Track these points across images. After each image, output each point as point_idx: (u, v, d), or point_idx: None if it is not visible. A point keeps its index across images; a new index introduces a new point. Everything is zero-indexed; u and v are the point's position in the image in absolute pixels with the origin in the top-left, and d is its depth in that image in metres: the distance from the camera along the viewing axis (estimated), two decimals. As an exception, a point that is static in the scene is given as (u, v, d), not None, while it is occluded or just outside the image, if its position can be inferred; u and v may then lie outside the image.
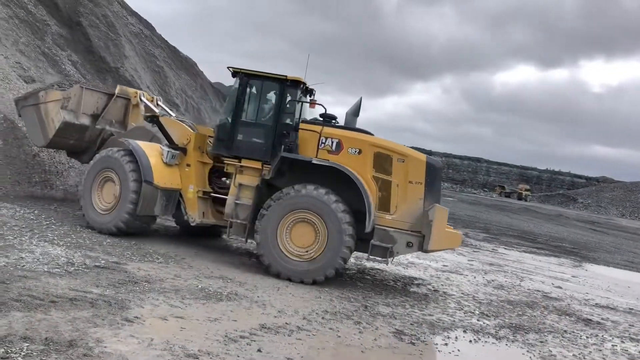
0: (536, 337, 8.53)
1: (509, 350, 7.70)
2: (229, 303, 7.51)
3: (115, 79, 21.30)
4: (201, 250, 10.82)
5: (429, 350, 7.04)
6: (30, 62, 17.49)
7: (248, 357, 5.64)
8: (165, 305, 6.88)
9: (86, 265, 7.95)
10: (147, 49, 25.46)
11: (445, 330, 8.09)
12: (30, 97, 12.40)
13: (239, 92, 10.46)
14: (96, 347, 5.17)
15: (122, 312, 6.27)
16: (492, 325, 8.79)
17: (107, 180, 10.80)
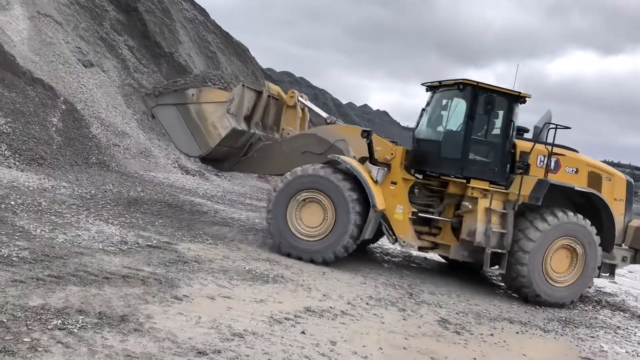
0: (587, 331, 8.30)
1: (557, 343, 7.53)
2: (275, 285, 7.62)
3: (170, 64, 21.76)
4: (250, 233, 11.00)
5: (474, 340, 6.96)
6: (89, 46, 18.06)
7: (292, 339, 5.73)
8: (213, 285, 7.05)
9: (139, 244, 8.22)
10: (201, 34, 25.84)
11: (492, 320, 7.98)
12: (170, 94, 10.49)
13: (470, 106, 9.46)
14: (146, 322, 5.36)
15: (171, 290, 6.46)
16: (541, 318, 8.61)
17: (310, 202, 9.53)
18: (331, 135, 10.23)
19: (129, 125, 16.96)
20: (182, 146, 10.70)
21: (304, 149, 10.11)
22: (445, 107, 10.09)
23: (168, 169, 16.88)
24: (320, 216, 9.30)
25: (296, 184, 9.30)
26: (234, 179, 19.55)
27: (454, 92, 9.80)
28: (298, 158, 10.16)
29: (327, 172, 9.22)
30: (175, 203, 12.47)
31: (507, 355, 6.72)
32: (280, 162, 10.43)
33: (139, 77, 19.47)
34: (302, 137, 10.50)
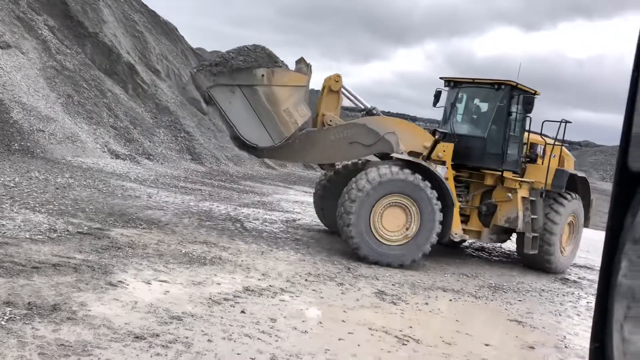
0: (515, 296, 8.75)
1: (487, 308, 7.90)
2: (212, 267, 7.58)
3: (95, 45, 20.89)
4: (185, 216, 10.85)
5: (410, 309, 7.19)
6: (5, 27, 17.05)
7: (232, 319, 5.74)
8: (148, 269, 6.93)
9: (69, 232, 7.94)
10: (127, 14, 24.92)
11: (426, 290, 8.26)
12: (233, 74, 9.17)
13: (505, 105, 10.32)
14: (80, 310, 5.22)
15: (105, 277, 6.31)
16: (472, 285, 8.99)
17: (392, 206, 9.32)
18: (381, 127, 9.84)
19: (53, 109, 16.22)
20: (248, 135, 9.33)
21: (352, 140, 9.58)
22: (481, 104, 10.93)
23: (97, 153, 16.31)
24: (402, 220, 9.18)
25: (384, 188, 8.97)
26: (167, 162, 19.14)
27: (489, 91, 10.54)
28: (345, 148, 9.70)
29: (416, 178, 9.10)
30: (106, 188, 12.11)
31: (441, 321, 6.99)
32: (325, 150, 9.83)
33: (61, 58, 18.60)
34: (351, 127, 9.77)
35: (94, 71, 19.92)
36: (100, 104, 18.84)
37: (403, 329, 6.36)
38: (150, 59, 24.17)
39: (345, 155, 9.83)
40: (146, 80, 22.39)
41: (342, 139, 9.51)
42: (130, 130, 19.06)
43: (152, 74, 23.48)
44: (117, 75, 21.18)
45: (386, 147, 9.58)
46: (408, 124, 10.30)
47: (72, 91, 17.96)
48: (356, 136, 9.52)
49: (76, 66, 18.99)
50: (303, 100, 9.46)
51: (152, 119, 21.16)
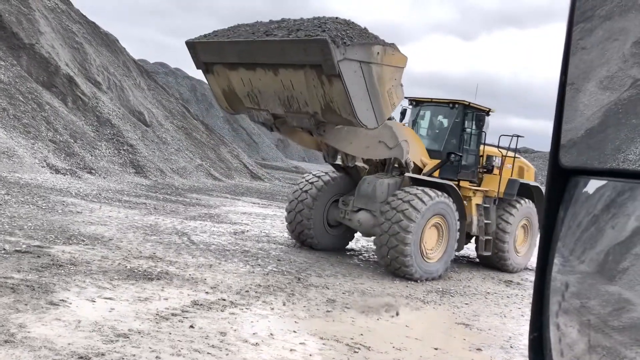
0: (462, 299, 8.95)
1: (435, 312, 8.05)
2: (159, 282, 7.41)
3: (31, 56, 20.18)
4: (129, 231, 10.58)
5: (360, 316, 7.23)
6: None
7: (180, 334, 5.62)
8: (92, 287, 6.71)
9: (5, 251, 7.60)
10: (65, 25, 24.19)
11: (375, 297, 8.34)
12: (360, 47, 8.31)
13: (460, 122, 11.32)
14: (19, 332, 5.00)
15: (46, 296, 6.07)
16: (421, 291, 9.14)
17: (430, 227, 10.08)
18: (400, 132, 10.30)
19: (-14, 123, 15.54)
20: (359, 114, 8.45)
21: (381, 139, 9.99)
22: (439, 121, 11.89)
23: (35, 168, 15.71)
24: (435, 237, 10.03)
25: (433, 209, 9.65)
26: (110, 176, 18.63)
27: (445, 109, 11.53)
28: (375, 145, 10.16)
29: (450, 200, 10.06)
30: (46, 204, 11.67)
31: (392, 327, 7.07)
32: (363, 143, 10.22)
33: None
34: (382, 126, 9.36)
35: (31, 84, 19.23)
36: (38, 118, 18.19)
37: (354, 337, 6.39)
38: (90, 70, 23.54)
39: (373, 153, 10.32)
40: (86, 92, 21.77)
41: (375, 136, 9.83)
42: (70, 144, 18.47)
43: (93, 86, 22.86)
44: (55, 87, 20.52)
45: (399, 154, 9.98)
46: (415, 136, 10.89)
47: (7, 105, 17.27)
48: (384, 136, 9.87)
49: (11, 79, 18.28)
50: (400, 83, 9.00)
51: (93, 132, 20.58)
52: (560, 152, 1.01)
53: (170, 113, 28.76)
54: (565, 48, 1.03)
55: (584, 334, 0.91)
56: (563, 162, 1.01)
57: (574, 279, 0.97)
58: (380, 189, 10.24)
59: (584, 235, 0.95)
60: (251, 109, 9.67)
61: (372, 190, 10.31)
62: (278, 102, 9.05)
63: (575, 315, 0.94)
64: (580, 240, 0.96)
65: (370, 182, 10.47)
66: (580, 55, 1.04)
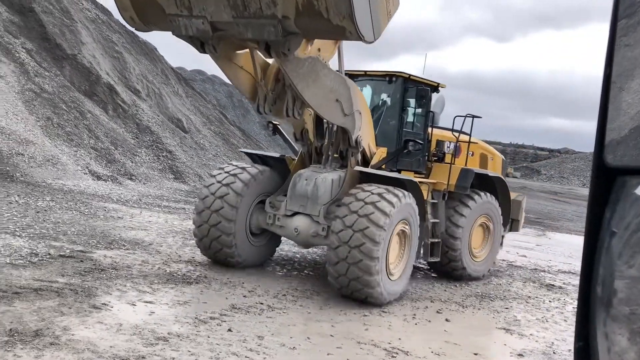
0: (501, 304, 8.77)
1: (475, 316, 7.91)
2: (198, 286, 7.50)
3: (73, 67, 20.77)
4: (169, 235, 10.75)
5: (398, 321, 7.17)
6: (-18, 51, 16.90)
7: (218, 337, 5.67)
8: (133, 291, 6.84)
9: (50, 255, 7.82)
10: (105, 35, 24.83)
11: (414, 301, 8.26)
12: None
13: (399, 100, 9.50)
14: (63, 335, 5.13)
15: (89, 300, 6.21)
16: (459, 295, 9.00)
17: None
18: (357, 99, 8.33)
19: (32, 132, 16.05)
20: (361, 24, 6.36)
21: (339, 98, 7.65)
22: (374, 99, 9.89)
23: (78, 175, 16.14)
24: (397, 249, 8.04)
25: (400, 213, 7.71)
26: (149, 181, 19.00)
27: (381, 84, 9.66)
28: (331, 104, 7.59)
29: (413, 200, 8.06)
30: (88, 210, 11.97)
31: (430, 331, 6.98)
32: (319, 94, 7.43)
33: (40, 81, 18.45)
34: (342, 83, 7.79)
35: (74, 93, 19.78)
36: (81, 126, 18.69)
37: (392, 342, 6.33)
38: (130, 79, 24.08)
39: (326, 112, 7.61)
40: (126, 100, 22.27)
41: (334, 91, 7.54)
42: (111, 151, 18.91)
43: (133, 94, 23.37)
44: (97, 96, 21.05)
45: (351, 126, 7.93)
46: (368, 110, 8.68)
47: (52, 114, 17.80)
48: (343, 95, 7.66)
49: (55, 88, 18.85)
50: None
51: (133, 139, 21.03)
52: (605, 151, 0.98)
53: (207, 119, 29.20)
54: (609, 45, 0.99)
55: (635, 343, 0.87)
56: (609, 161, 0.97)
57: (623, 285, 0.92)
58: (323, 187, 8.15)
59: (632, 237, 0.91)
60: (176, 18, 6.51)
61: (313, 189, 8.17)
62: (225, 3, 6.19)
63: (624, 323, 0.90)
64: (628, 243, 0.92)
65: (309, 178, 8.29)
66: (623, 52, 1.00)
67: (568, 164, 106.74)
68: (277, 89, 7.64)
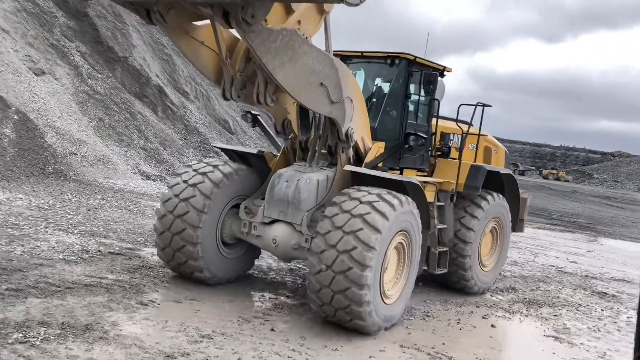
0: (550, 311, 8.52)
1: (522, 324, 7.71)
2: (242, 285, 7.58)
3: (124, 69, 21.35)
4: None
5: (442, 325, 7.06)
6: (40, 54, 17.58)
7: (262, 337, 5.71)
8: (179, 288, 6.97)
9: (101, 252, 8.05)
10: (155, 38, 25.44)
11: (459, 305, 8.11)
12: None
13: (402, 85, 8.09)
14: (112, 330, 5.27)
15: (136, 296, 6.36)
16: (506, 301, 8.79)
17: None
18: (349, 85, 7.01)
19: (85, 132, 16.59)
20: None
21: (324, 81, 6.30)
22: (372, 85, 8.51)
23: (128, 175, 16.58)
24: (394, 266, 6.77)
25: (397, 225, 6.37)
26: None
27: (381, 67, 8.29)
28: (313, 88, 6.22)
29: (413, 206, 6.75)
30: (137, 209, 12.27)
31: (475, 337, 6.84)
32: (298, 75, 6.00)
33: (92, 83, 19.05)
34: (328, 63, 6.41)
35: (124, 94, 20.34)
36: (131, 127, 19.20)
37: (435, 346, 6.24)
38: (178, 81, 24.58)
39: (308, 98, 6.19)
40: (175, 102, 22.75)
41: (316, 73, 6.14)
42: (160, 152, 19.35)
43: (181, 96, 23.85)
44: (146, 98, 21.59)
45: (340, 116, 6.60)
46: (362, 97, 7.19)
47: (104, 114, 18.35)
48: (329, 78, 6.30)
49: (107, 90, 19.42)
50: None
51: (181, 139, 21.46)
52: None
53: (253, 120, 29.49)
54: None
55: None
56: None
57: None
58: (306, 190, 6.80)
59: None
60: None
61: (294, 192, 6.83)
62: None
63: None
64: None
65: (290, 179, 6.95)
66: None
67: (622, 167, 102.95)
68: (248, 70, 6.30)
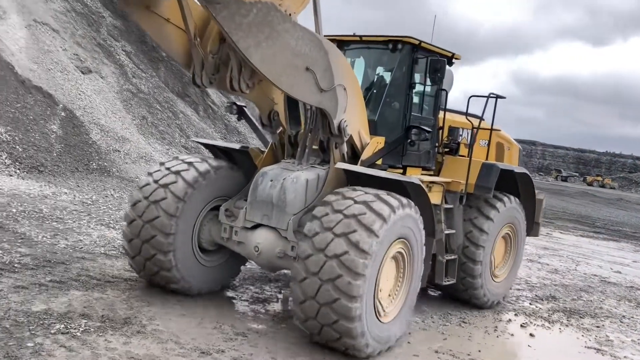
0: (592, 321, 8.27)
1: (562, 334, 7.51)
2: (278, 284, 7.62)
3: (168, 68, 21.77)
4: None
5: (478, 332, 6.94)
6: (87, 53, 18.07)
7: (296, 336, 5.72)
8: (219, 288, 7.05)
9: (141, 248, 8.21)
10: (198, 38, 25.90)
11: (497, 312, 7.96)
12: None
13: (405, 73, 7.23)
14: (149, 324, 5.37)
15: (174, 292, 6.45)
16: (545, 310, 8.58)
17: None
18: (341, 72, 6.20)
19: (128, 130, 16.98)
20: None
21: (310, 65, 5.47)
22: (372, 73, 7.71)
23: (169, 172, 16.88)
24: (392, 279, 5.95)
25: (395, 231, 5.55)
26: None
27: (382, 53, 7.49)
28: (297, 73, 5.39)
29: (415, 210, 5.93)
30: (177, 206, 12.46)
31: (513, 345, 6.70)
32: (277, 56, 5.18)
33: (137, 82, 19.49)
34: (316, 45, 5.56)
35: (167, 93, 20.74)
36: (173, 125, 19.56)
37: (471, 353, 6.14)
38: (220, 81, 24.93)
39: (290, 85, 5.34)
40: (216, 102, 23.08)
41: (301, 55, 5.35)
42: (201, 150, 19.65)
43: (222, 96, 24.18)
44: (188, 97, 21.96)
45: (331, 107, 5.79)
46: (358, 85, 6.38)
47: (147, 113, 18.75)
48: (316, 64, 5.49)
49: (150, 89, 19.83)
50: None
51: (221, 139, 21.75)
52: None
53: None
54: None
55: None
56: None
57: None
58: (293, 191, 5.99)
59: None
60: None
61: (279, 193, 6.01)
62: None
63: None
64: None
65: (275, 178, 6.12)
66: None
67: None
68: (222, 53, 5.56)
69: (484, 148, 8.33)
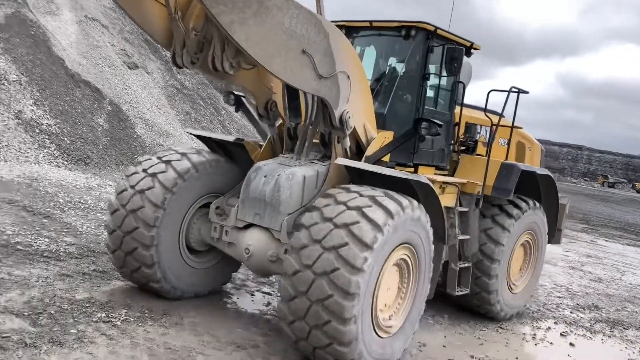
0: (637, 333, 8.02)
1: (604, 345, 7.30)
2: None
3: (211, 65, 22.13)
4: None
5: (516, 339, 6.82)
6: (134, 49, 18.51)
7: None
8: (253, 282, 7.14)
9: (181, 241, 8.37)
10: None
11: (535, 320, 7.80)
12: None
13: (419, 62, 6.58)
14: (186, 317, 5.48)
15: (212, 286, 6.56)
16: (587, 319, 8.36)
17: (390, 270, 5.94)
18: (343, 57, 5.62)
19: (172, 125, 17.31)
20: None
21: (308, 49, 4.93)
22: (382, 62, 7.05)
23: (210, 168, 17.15)
24: (394, 290, 5.36)
25: (396, 238, 4.96)
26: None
27: (394, 41, 6.78)
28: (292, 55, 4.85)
29: (421, 211, 5.32)
30: (217, 201, 12.65)
31: (551, 354, 6.56)
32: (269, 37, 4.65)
33: (181, 78, 19.85)
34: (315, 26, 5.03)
35: (210, 90, 21.05)
36: (215, 121, 19.85)
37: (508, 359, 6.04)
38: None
39: (283, 70, 4.79)
40: (258, 98, 23.34)
41: (297, 36, 4.81)
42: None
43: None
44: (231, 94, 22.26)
45: (331, 95, 5.23)
46: (363, 73, 5.79)
47: (190, 109, 19.08)
48: (314, 47, 4.97)
49: (194, 85, 20.16)
50: None
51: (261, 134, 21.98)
52: None
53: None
54: None
55: None
56: None
57: None
58: (288, 188, 5.40)
59: None
60: None
61: (273, 191, 5.44)
62: None
63: None
64: None
65: (270, 173, 5.57)
66: None
67: None
68: (207, 30, 4.95)
69: (503, 147, 7.74)
